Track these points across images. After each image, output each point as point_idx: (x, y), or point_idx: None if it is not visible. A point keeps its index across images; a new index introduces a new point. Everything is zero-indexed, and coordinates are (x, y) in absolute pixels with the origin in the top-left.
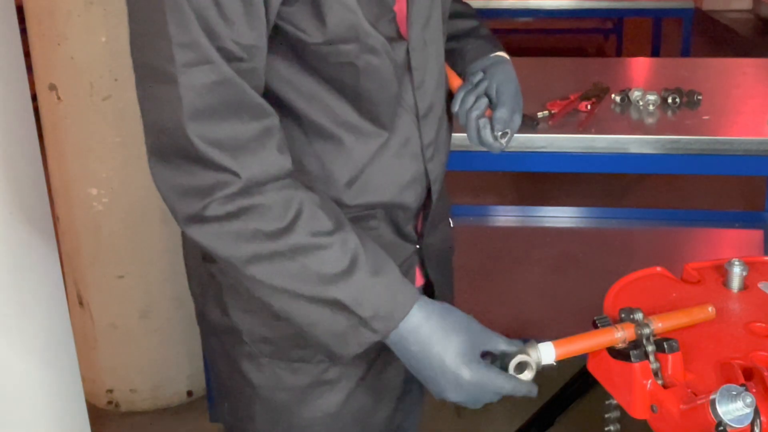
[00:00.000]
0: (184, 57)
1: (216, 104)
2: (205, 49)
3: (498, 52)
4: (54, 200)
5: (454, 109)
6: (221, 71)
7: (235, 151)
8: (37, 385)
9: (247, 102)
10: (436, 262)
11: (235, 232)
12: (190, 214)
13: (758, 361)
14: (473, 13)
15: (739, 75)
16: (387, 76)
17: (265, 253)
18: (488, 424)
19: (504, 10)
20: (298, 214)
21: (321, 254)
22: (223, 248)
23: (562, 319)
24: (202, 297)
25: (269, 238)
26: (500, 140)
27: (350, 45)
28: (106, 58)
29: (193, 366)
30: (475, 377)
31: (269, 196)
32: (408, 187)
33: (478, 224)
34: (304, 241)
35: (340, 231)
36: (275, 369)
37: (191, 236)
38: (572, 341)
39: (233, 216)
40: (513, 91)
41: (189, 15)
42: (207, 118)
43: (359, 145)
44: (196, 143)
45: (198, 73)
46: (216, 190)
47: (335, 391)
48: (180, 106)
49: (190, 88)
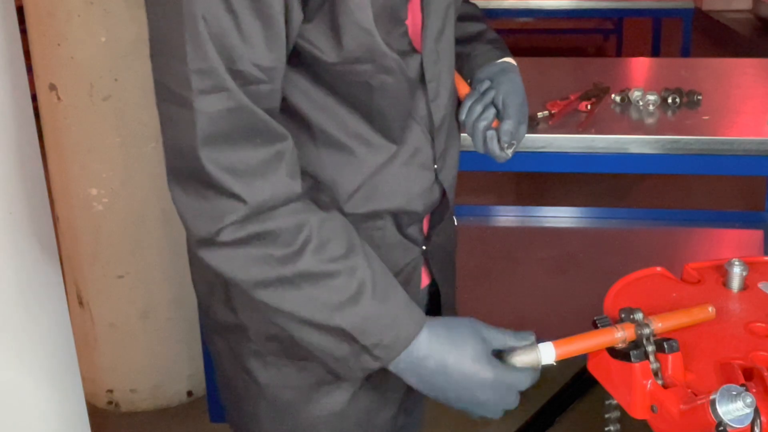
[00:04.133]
0: (200, 83)
1: (229, 130)
2: (222, 76)
3: (505, 57)
4: (54, 200)
5: (461, 118)
6: (236, 98)
7: (246, 176)
8: (37, 385)
9: (260, 127)
10: (441, 261)
11: (245, 257)
12: (203, 237)
13: (758, 361)
14: (481, 16)
15: (739, 75)
16: (400, 93)
17: (273, 278)
18: (488, 424)
19: (504, 10)
20: (308, 240)
21: (328, 282)
22: (232, 271)
23: (562, 319)
24: (208, 295)
25: (278, 263)
26: (506, 151)
27: (366, 65)
28: (106, 58)
29: (193, 366)
30: (498, 375)
31: (280, 221)
32: (418, 196)
33: (478, 224)
34: (311, 269)
35: (350, 257)
36: (281, 367)
37: (202, 258)
38: (572, 341)
39: (244, 242)
40: (519, 102)
41: (206, 39)
42: (220, 144)
43: (368, 156)
44: (208, 168)
45: (213, 100)
46: (227, 215)
47: (341, 390)
48: (194, 131)
49: (204, 114)
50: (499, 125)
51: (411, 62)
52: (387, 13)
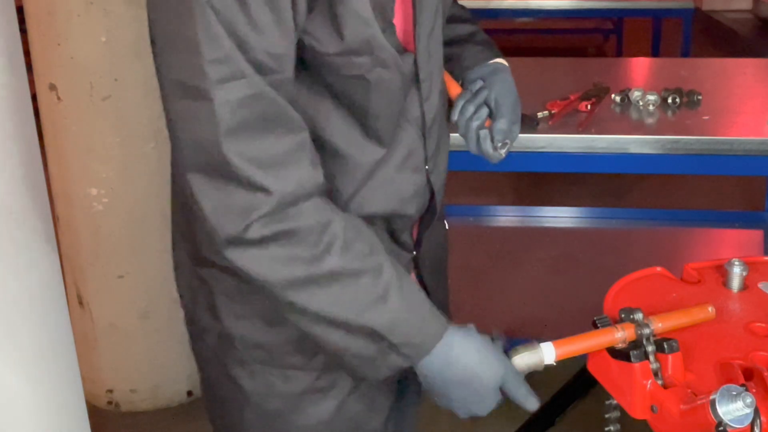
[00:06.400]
0: (217, 73)
1: (251, 119)
2: (239, 63)
3: (496, 59)
4: (54, 200)
5: (453, 119)
6: (256, 84)
7: (271, 167)
8: (37, 385)
9: (281, 115)
10: (431, 267)
11: (274, 257)
12: (232, 235)
13: (758, 361)
14: (470, 18)
15: (739, 75)
16: (395, 90)
17: (303, 278)
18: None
19: (504, 10)
20: (334, 239)
21: (356, 281)
22: (260, 273)
23: (562, 319)
24: (191, 301)
25: (306, 262)
26: (499, 150)
27: (364, 57)
28: (106, 58)
29: (193, 366)
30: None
31: (306, 219)
32: (410, 199)
33: (478, 224)
34: (339, 268)
35: (374, 256)
36: (267, 376)
37: (231, 260)
38: (572, 341)
39: (272, 240)
40: (512, 102)
41: (219, 29)
42: (242, 134)
43: (361, 160)
44: (232, 160)
45: (233, 89)
46: (254, 209)
47: (328, 398)
48: (215, 123)
49: (224, 104)
50: (492, 124)
51: (405, 61)
52: (378, 9)
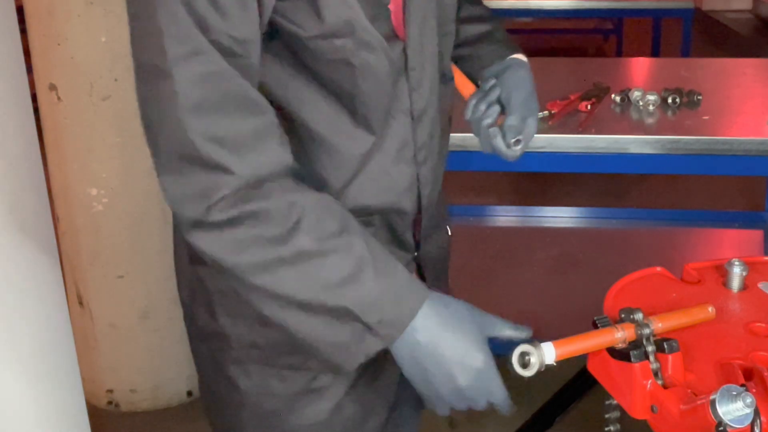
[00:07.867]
0: (176, 50)
1: (213, 98)
2: (197, 41)
3: (514, 54)
4: (54, 200)
5: (466, 118)
6: (216, 62)
7: (234, 147)
8: (37, 385)
9: (245, 97)
10: (433, 269)
11: (238, 239)
12: (194, 219)
13: (758, 361)
14: (488, 16)
15: (739, 75)
16: (383, 76)
17: (269, 259)
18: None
19: (504, 10)
20: (301, 218)
21: (325, 260)
22: (226, 256)
23: (562, 319)
24: (190, 301)
25: (272, 243)
26: (513, 148)
27: (346, 39)
28: (106, 58)
29: (192, 366)
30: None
31: (271, 200)
32: (406, 192)
33: (478, 224)
34: (307, 247)
35: (345, 234)
36: (263, 375)
37: (195, 244)
38: (572, 341)
39: (236, 221)
40: (524, 97)
41: (178, 7)
42: (205, 113)
43: (350, 150)
44: (193, 139)
45: (192, 65)
46: (215, 190)
47: (324, 398)
48: (176, 101)
49: (185, 80)
50: (503, 121)
51: (394, 48)
52: None
